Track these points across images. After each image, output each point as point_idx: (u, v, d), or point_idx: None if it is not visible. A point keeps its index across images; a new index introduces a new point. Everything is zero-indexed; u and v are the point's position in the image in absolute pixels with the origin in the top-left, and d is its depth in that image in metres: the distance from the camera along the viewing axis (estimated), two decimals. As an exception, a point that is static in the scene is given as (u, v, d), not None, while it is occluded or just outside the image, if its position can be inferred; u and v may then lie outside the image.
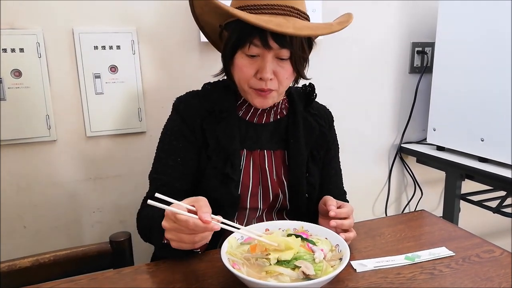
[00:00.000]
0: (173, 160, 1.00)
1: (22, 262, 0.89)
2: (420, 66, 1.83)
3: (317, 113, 1.11)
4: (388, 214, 1.93)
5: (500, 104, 1.41)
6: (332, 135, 1.15)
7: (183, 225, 0.71)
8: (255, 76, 0.93)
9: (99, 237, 1.45)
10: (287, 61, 0.93)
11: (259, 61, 0.92)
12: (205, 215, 0.70)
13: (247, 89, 0.96)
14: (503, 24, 1.38)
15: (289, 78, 0.96)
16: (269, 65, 0.91)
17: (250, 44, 0.89)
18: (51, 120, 1.31)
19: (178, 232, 0.74)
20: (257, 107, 1.00)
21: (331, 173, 1.14)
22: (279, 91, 0.97)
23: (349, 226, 0.89)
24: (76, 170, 1.39)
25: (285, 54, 0.91)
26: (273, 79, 0.93)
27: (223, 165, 0.97)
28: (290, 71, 0.95)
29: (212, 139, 0.99)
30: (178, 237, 0.75)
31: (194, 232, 0.73)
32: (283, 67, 0.93)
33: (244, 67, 0.93)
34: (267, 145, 1.05)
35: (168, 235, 0.77)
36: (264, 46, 0.89)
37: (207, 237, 0.76)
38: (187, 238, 0.74)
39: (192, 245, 0.76)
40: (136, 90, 1.39)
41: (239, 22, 0.88)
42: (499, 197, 1.49)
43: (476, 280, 0.78)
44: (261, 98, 0.96)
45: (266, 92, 0.94)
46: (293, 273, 0.71)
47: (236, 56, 0.94)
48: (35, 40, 1.25)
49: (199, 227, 0.70)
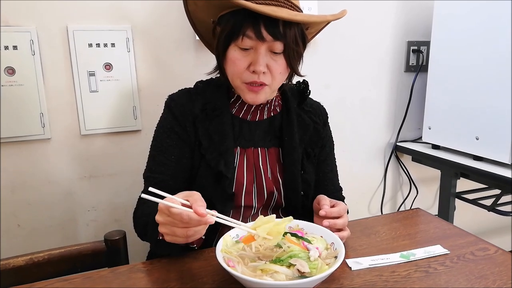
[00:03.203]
0: (167, 158, 1.00)
1: (16, 261, 0.89)
2: (415, 65, 1.83)
3: (311, 110, 1.11)
4: (384, 212, 1.94)
5: (495, 103, 1.42)
6: (327, 132, 1.15)
7: (177, 218, 0.71)
8: (248, 69, 0.92)
9: (94, 236, 1.44)
10: (281, 55, 0.92)
11: (252, 54, 0.91)
12: (200, 208, 0.70)
13: (239, 84, 0.96)
14: (498, 23, 1.39)
15: (283, 73, 0.96)
16: (262, 58, 0.90)
17: (243, 36, 0.89)
18: (45, 118, 1.30)
19: (172, 226, 0.74)
20: (249, 103, 0.99)
21: (326, 170, 1.14)
22: (272, 87, 0.96)
23: (342, 225, 0.89)
24: (71, 169, 1.38)
25: (278, 47, 0.90)
26: (266, 73, 0.92)
27: (217, 163, 0.97)
28: (283, 66, 0.94)
29: (205, 137, 0.99)
30: (171, 231, 0.74)
31: (187, 225, 0.72)
32: (276, 61, 0.93)
33: (237, 60, 0.92)
34: (261, 142, 1.05)
35: (161, 229, 0.77)
36: (258, 37, 0.88)
37: (200, 232, 0.75)
38: (180, 232, 0.73)
39: (185, 239, 0.75)
40: (131, 88, 1.38)
41: (232, 14, 0.89)
42: (494, 195, 1.50)
43: (470, 278, 0.79)
44: (253, 93, 0.95)
45: (259, 86, 0.94)
46: (288, 271, 0.71)
47: (229, 50, 0.93)
48: (29, 37, 1.24)
49: (193, 220, 0.70)
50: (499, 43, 1.38)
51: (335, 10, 1.06)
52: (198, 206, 0.70)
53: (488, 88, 1.44)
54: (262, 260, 0.75)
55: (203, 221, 0.71)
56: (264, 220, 0.77)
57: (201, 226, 0.73)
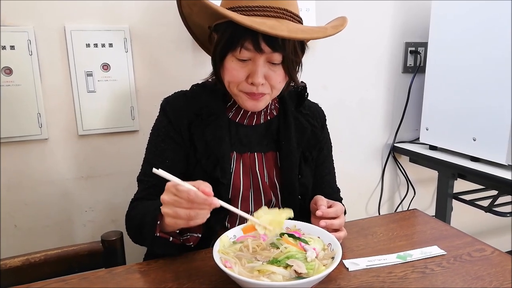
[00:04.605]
0: (161, 163, 0.97)
1: (13, 261, 0.89)
2: (413, 66, 1.83)
3: (309, 113, 1.09)
4: (381, 213, 1.94)
5: (492, 104, 1.42)
6: (325, 135, 1.14)
7: (184, 196, 0.71)
8: (246, 80, 0.90)
9: (91, 236, 1.44)
10: (279, 65, 0.91)
11: (250, 65, 0.89)
12: (207, 188, 0.71)
13: (237, 92, 0.94)
14: (495, 24, 1.39)
15: (282, 82, 0.94)
16: (261, 70, 0.88)
17: (241, 47, 0.86)
18: (42, 118, 1.30)
19: (176, 206, 0.73)
20: (248, 110, 0.98)
21: (324, 173, 1.14)
22: (272, 95, 0.95)
23: (339, 225, 0.89)
24: (68, 169, 1.38)
25: (277, 58, 0.89)
26: (265, 83, 0.91)
27: (213, 169, 0.96)
28: (282, 76, 0.92)
29: (201, 143, 0.97)
30: (174, 211, 0.73)
31: (192, 206, 0.72)
32: (275, 71, 0.91)
33: (235, 70, 0.90)
34: (258, 147, 1.03)
35: (165, 209, 0.76)
36: (256, 49, 0.86)
37: (203, 216, 0.74)
38: (183, 212, 0.73)
39: (187, 221, 0.74)
40: (129, 88, 1.38)
41: (230, 24, 0.85)
42: (491, 196, 1.50)
43: (467, 278, 0.79)
44: (253, 101, 0.94)
45: (258, 95, 0.92)
46: (285, 272, 0.71)
47: (226, 59, 0.91)
48: (26, 37, 1.24)
49: (199, 198, 0.70)
50: (497, 44, 1.39)
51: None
52: (204, 186, 0.71)
53: (486, 89, 1.45)
54: (259, 260, 0.75)
55: (208, 200, 0.71)
56: (265, 210, 0.78)
57: (205, 209, 0.73)
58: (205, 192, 0.71)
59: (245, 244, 0.80)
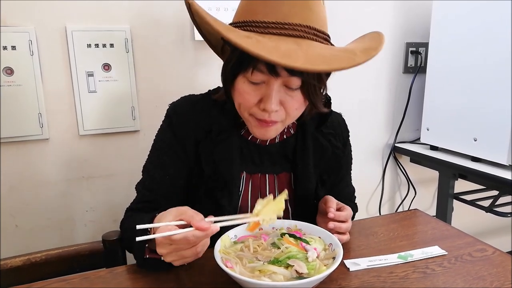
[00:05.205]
0: (161, 176, 0.92)
1: (14, 261, 0.89)
2: (414, 66, 1.83)
3: (331, 131, 0.99)
4: (382, 213, 1.94)
5: (493, 104, 1.42)
6: (346, 152, 1.05)
7: (183, 243, 0.67)
8: (258, 105, 0.80)
9: (91, 236, 1.44)
10: (298, 90, 0.80)
11: (263, 89, 0.78)
12: (202, 223, 0.66)
13: (247, 117, 0.84)
14: (496, 24, 1.39)
15: (299, 108, 0.83)
16: (275, 95, 0.77)
17: (253, 69, 0.75)
18: (43, 119, 1.30)
19: (178, 251, 0.70)
20: (257, 137, 0.90)
21: (341, 187, 1.08)
22: (285, 123, 0.85)
23: (345, 229, 0.88)
24: (69, 169, 1.38)
25: (295, 82, 0.77)
26: (279, 109, 0.80)
27: (220, 194, 0.89)
28: (300, 101, 0.81)
29: (208, 164, 0.89)
30: (179, 256, 0.71)
31: (195, 244, 0.69)
32: (292, 96, 0.80)
33: (246, 94, 0.79)
34: (270, 168, 0.94)
35: (168, 258, 0.72)
36: (271, 72, 0.75)
37: (207, 243, 0.72)
38: (189, 253, 0.70)
39: (195, 256, 0.72)
40: (130, 88, 1.38)
41: None
42: (491, 197, 1.50)
43: (468, 279, 0.79)
44: (262, 129, 0.83)
45: (269, 123, 0.82)
46: (286, 272, 0.71)
47: (237, 80, 0.80)
48: (28, 37, 1.24)
49: (200, 237, 0.67)
50: (498, 45, 1.39)
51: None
52: (198, 222, 0.66)
53: (486, 90, 1.45)
54: (260, 260, 0.75)
55: (209, 233, 0.67)
56: (263, 203, 0.76)
57: (207, 238, 0.70)
58: (201, 228, 0.66)
59: (246, 244, 0.80)
